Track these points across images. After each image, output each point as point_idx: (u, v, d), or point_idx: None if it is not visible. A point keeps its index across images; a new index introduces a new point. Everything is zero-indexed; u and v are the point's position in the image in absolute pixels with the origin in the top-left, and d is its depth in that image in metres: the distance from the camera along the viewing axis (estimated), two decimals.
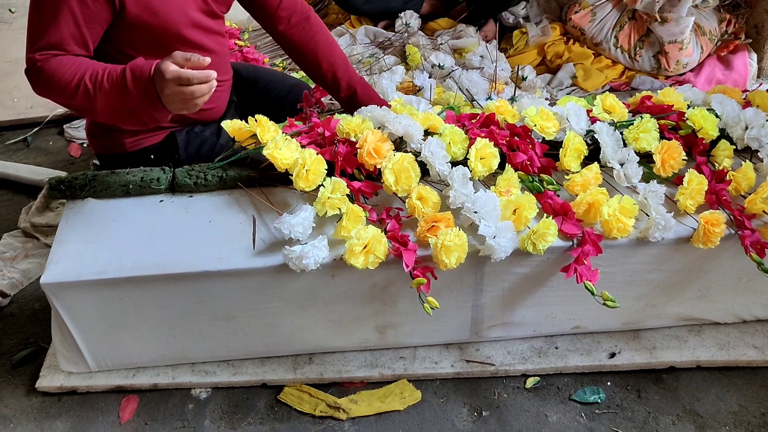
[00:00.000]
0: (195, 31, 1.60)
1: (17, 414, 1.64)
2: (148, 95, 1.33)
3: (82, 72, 1.40)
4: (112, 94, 1.37)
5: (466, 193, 1.48)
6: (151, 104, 1.34)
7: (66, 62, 1.43)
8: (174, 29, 1.54)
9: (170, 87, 1.29)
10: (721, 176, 1.60)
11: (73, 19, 1.42)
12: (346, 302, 1.57)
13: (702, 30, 2.70)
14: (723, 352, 1.71)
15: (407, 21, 2.92)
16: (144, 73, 1.32)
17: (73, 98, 1.41)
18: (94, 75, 1.39)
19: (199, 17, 1.61)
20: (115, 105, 1.38)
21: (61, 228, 1.56)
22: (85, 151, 2.69)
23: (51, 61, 1.43)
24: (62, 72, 1.41)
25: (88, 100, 1.39)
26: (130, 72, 1.34)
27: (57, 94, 1.45)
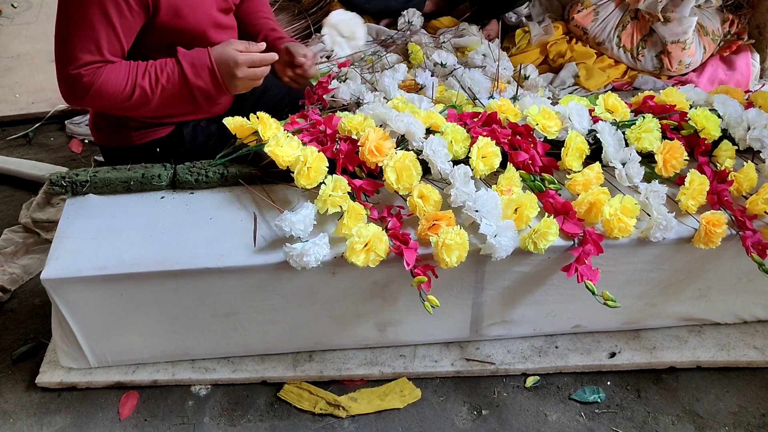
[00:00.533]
0: (216, 31, 1.64)
1: (17, 409, 1.64)
2: (214, 82, 1.52)
3: (133, 76, 1.49)
4: (170, 90, 1.51)
5: (467, 191, 1.48)
6: (216, 90, 1.53)
7: (111, 72, 1.48)
8: (200, 30, 1.58)
9: (243, 70, 1.50)
10: (722, 177, 1.60)
11: (113, 30, 1.45)
12: (347, 300, 1.57)
13: (705, 30, 2.70)
14: (723, 353, 1.71)
15: (410, 19, 2.91)
16: (204, 62, 1.50)
17: (127, 101, 1.51)
18: (147, 75, 1.50)
19: (219, 16, 1.64)
20: (175, 97, 1.53)
21: (61, 224, 1.56)
22: (86, 147, 2.69)
23: (97, 74, 1.47)
24: (112, 81, 1.48)
25: (144, 99, 1.51)
26: (188, 65, 1.49)
27: (108, 102, 1.52)
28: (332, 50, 2.81)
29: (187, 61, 1.50)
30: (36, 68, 3.10)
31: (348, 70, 2.53)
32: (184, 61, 1.50)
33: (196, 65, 1.50)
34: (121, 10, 1.44)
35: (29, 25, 3.47)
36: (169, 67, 1.51)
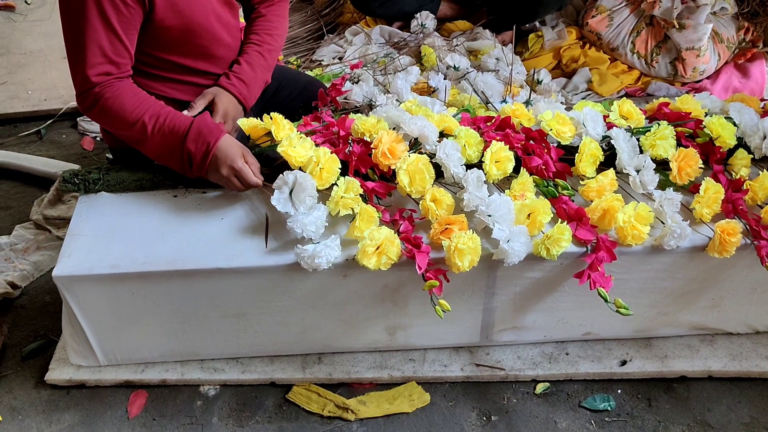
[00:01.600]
0: (218, 25, 1.62)
1: (26, 406, 1.65)
2: (203, 157, 1.49)
3: (143, 109, 1.49)
4: (168, 139, 1.50)
5: (480, 196, 1.47)
6: (200, 164, 1.50)
7: (126, 93, 1.49)
8: (198, 25, 1.56)
9: (228, 171, 1.50)
10: (737, 185, 1.58)
11: (111, 28, 1.44)
12: (357, 302, 1.57)
13: (720, 37, 2.68)
14: (735, 363, 1.70)
15: (423, 21, 2.91)
16: (210, 137, 1.49)
17: (127, 130, 1.51)
18: (155, 116, 1.49)
19: (220, 9, 1.62)
20: (166, 149, 1.52)
21: (74, 221, 1.56)
22: (98, 145, 2.70)
23: (110, 90, 1.48)
24: (121, 103, 1.48)
25: (143, 136, 1.50)
26: (196, 130, 1.49)
27: (111, 123, 1.53)
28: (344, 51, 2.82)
29: (198, 126, 1.50)
30: (49, 65, 3.11)
31: (361, 72, 2.53)
32: (196, 125, 1.50)
33: (203, 134, 1.49)
34: (118, 9, 1.43)
35: (42, 22, 3.49)
36: (181, 120, 1.50)
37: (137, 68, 1.57)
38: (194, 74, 1.65)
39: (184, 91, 1.65)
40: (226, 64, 1.70)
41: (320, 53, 2.89)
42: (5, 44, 3.35)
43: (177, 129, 1.49)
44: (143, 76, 1.59)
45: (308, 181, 1.43)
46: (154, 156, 1.57)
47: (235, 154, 1.50)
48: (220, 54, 1.66)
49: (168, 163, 1.57)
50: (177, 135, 1.49)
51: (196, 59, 1.62)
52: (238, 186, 1.53)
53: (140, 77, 1.58)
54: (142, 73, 1.59)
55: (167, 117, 1.50)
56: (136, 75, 1.57)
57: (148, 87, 1.58)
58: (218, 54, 1.65)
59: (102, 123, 1.59)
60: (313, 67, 2.77)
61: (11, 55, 3.26)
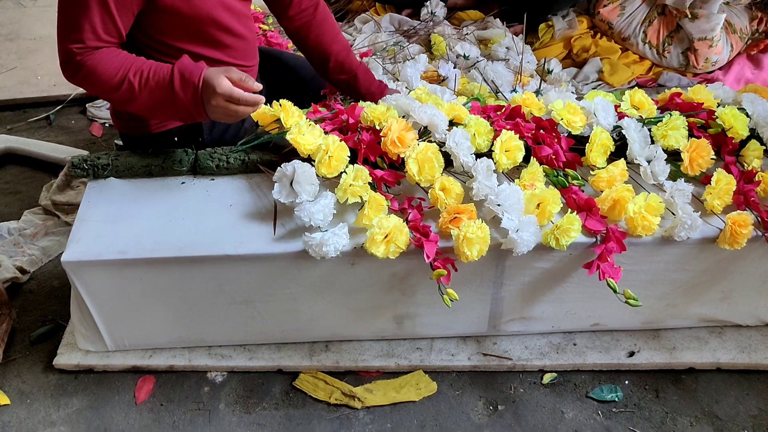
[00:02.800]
0: (226, 14, 1.59)
1: (34, 390, 1.65)
2: (195, 100, 1.43)
3: (126, 68, 1.45)
4: (156, 93, 1.45)
5: (489, 185, 1.46)
6: (195, 108, 1.44)
7: (107, 57, 1.45)
8: (205, 13, 1.54)
9: (218, 100, 1.40)
10: (749, 177, 1.57)
11: (105, 7, 1.42)
12: (365, 291, 1.56)
13: (732, 28, 2.66)
14: (744, 355, 1.69)
15: (433, 9, 2.89)
16: (193, 78, 1.42)
17: (114, 92, 1.47)
18: (138, 72, 1.45)
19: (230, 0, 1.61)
20: (158, 102, 1.47)
21: (82, 207, 1.56)
22: (106, 131, 2.70)
23: (92, 56, 1.45)
24: (104, 67, 1.44)
25: (131, 95, 1.46)
26: (178, 74, 1.43)
27: (97, 88, 1.49)
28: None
29: (179, 70, 1.44)
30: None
31: (370, 60, 2.51)
32: (176, 71, 1.44)
33: (185, 78, 1.43)
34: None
35: (52, 8, 3.46)
36: (162, 72, 1.45)
37: (147, 54, 1.57)
38: (204, 62, 1.63)
39: None
40: (237, 54, 1.67)
41: None
42: (15, 29, 3.35)
43: (162, 80, 1.44)
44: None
45: (308, 170, 1.43)
46: (148, 112, 1.55)
47: (216, 79, 1.40)
48: (229, 43, 1.64)
49: (165, 117, 1.55)
50: (163, 86, 1.44)
51: (204, 47, 1.61)
52: (237, 111, 1.43)
53: None
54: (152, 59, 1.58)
55: (150, 70, 1.45)
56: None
57: None
58: (227, 43, 1.64)
59: (88, 89, 1.53)
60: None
61: (21, 41, 3.26)
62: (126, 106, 1.53)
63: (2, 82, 2.93)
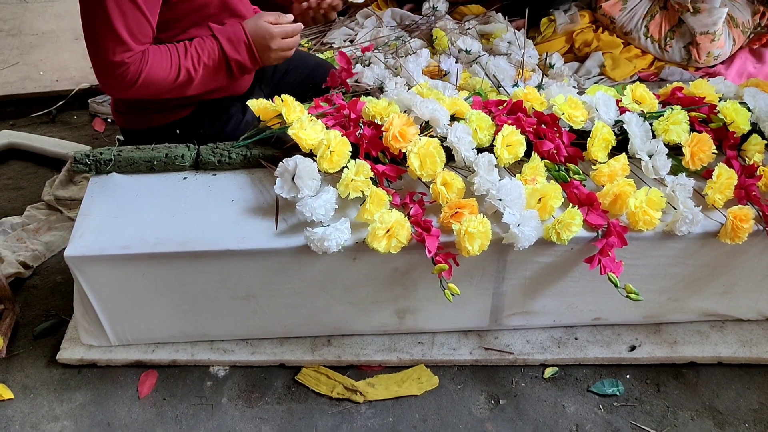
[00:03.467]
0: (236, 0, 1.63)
1: (38, 384, 1.66)
2: (250, 54, 1.58)
3: (176, 57, 1.52)
4: (210, 66, 1.56)
5: (491, 180, 1.46)
6: (252, 61, 1.60)
7: (156, 56, 1.50)
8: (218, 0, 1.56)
9: (277, 42, 1.58)
10: (751, 171, 1.57)
11: (139, 9, 1.43)
12: (367, 285, 1.57)
13: (735, 22, 2.65)
14: (745, 349, 1.70)
15: (434, 4, 2.89)
16: (240, 37, 1.56)
17: (174, 83, 1.54)
18: (189, 55, 1.54)
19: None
20: (214, 73, 1.58)
21: (85, 202, 1.57)
22: (109, 126, 2.70)
23: (143, 60, 1.48)
24: (158, 65, 1.50)
25: (188, 79, 1.55)
26: (226, 41, 1.55)
27: (155, 89, 1.54)
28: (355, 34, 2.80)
29: (224, 36, 1.55)
30: (60, 46, 3.11)
31: (371, 55, 2.51)
32: (222, 37, 1.55)
33: (233, 40, 1.56)
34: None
35: (54, 3, 3.49)
36: (209, 45, 1.55)
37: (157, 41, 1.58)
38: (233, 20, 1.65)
39: None
40: None
41: (331, 36, 2.88)
42: (17, 25, 3.35)
43: (212, 53, 1.55)
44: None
45: (309, 165, 1.43)
46: (202, 89, 1.61)
47: (263, 28, 1.57)
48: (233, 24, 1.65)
49: (219, 84, 1.63)
50: (216, 58, 1.56)
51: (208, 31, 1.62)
52: (293, 42, 1.62)
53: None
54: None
55: (196, 50, 1.55)
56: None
57: None
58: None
59: (144, 94, 1.55)
60: (324, 49, 2.76)
61: (23, 36, 3.26)
62: (181, 92, 1.59)
63: (5, 78, 2.94)
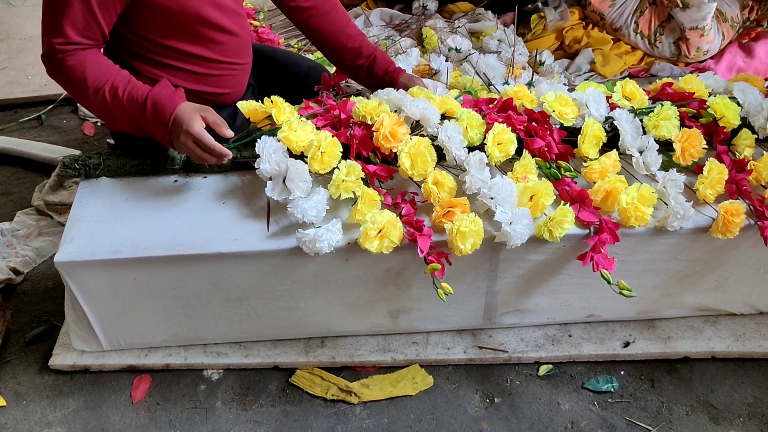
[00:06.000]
0: (214, 11, 1.57)
1: (30, 391, 1.65)
2: (163, 130, 1.45)
3: (103, 81, 1.46)
4: (129, 111, 1.47)
5: (482, 178, 1.46)
6: (161, 136, 1.47)
7: (89, 62, 1.46)
8: (191, 9, 1.52)
9: (186, 140, 1.43)
10: (741, 166, 1.57)
11: (89, 7, 1.42)
12: (360, 286, 1.56)
13: (724, 16, 2.66)
14: (738, 344, 1.70)
15: (424, 3, 2.89)
16: (166, 111, 1.44)
17: (88, 100, 1.49)
18: (114, 89, 1.46)
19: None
20: (129, 121, 1.50)
21: (75, 207, 1.56)
22: (98, 130, 2.69)
23: (74, 56, 1.45)
24: (84, 72, 1.45)
25: (104, 107, 1.48)
26: (151, 103, 1.45)
27: (74, 90, 1.50)
28: None
29: (153, 99, 1.44)
30: None
31: None
32: (151, 99, 1.44)
33: (159, 109, 1.44)
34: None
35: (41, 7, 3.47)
36: (138, 95, 1.45)
37: (137, 52, 1.56)
38: (194, 59, 1.61)
39: (185, 78, 1.61)
40: (227, 51, 1.65)
41: None
42: (5, 29, 3.33)
43: (135, 103, 1.45)
44: (143, 61, 1.57)
45: (300, 167, 1.43)
46: (118, 126, 1.56)
47: (190, 118, 1.42)
48: (218, 39, 1.62)
49: (127, 130, 1.56)
50: (136, 109, 1.46)
51: (192, 44, 1.59)
52: (202, 156, 1.45)
53: (140, 62, 1.57)
54: (143, 57, 1.57)
55: (125, 90, 1.46)
56: (136, 59, 1.56)
57: (148, 72, 1.56)
58: (217, 39, 1.62)
59: (66, 88, 1.53)
60: (314, 50, 2.75)
61: (11, 41, 3.25)
62: (98, 116, 1.56)
63: None
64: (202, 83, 1.64)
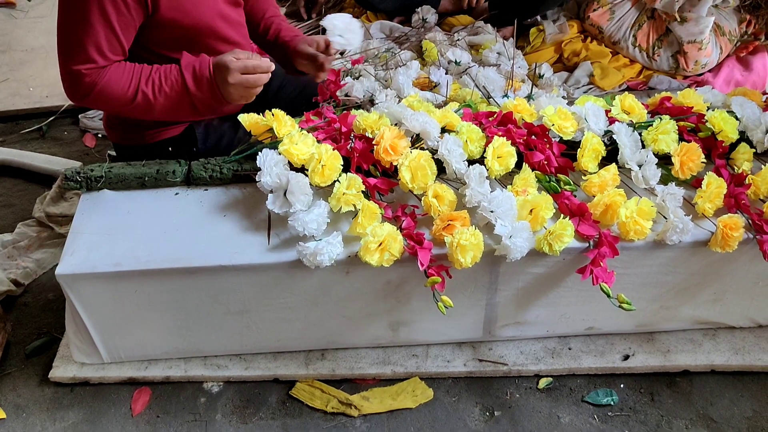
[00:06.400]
0: (223, 23, 1.61)
1: (30, 404, 1.65)
2: (211, 90, 1.51)
3: (136, 79, 1.49)
4: (172, 96, 1.51)
5: (482, 192, 1.47)
6: (213, 98, 1.51)
7: (116, 73, 1.48)
8: (205, 24, 1.57)
9: (235, 76, 1.48)
10: (740, 180, 1.58)
11: (110, 26, 1.44)
12: (360, 299, 1.57)
13: (722, 30, 2.68)
14: (738, 357, 1.70)
15: (424, 16, 2.90)
16: (204, 71, 1.49)
17: (130, 105, 1.51)
18: (150, 81, 1.50)
19: (226, 9, 1.62)
20: (176, 104, 1.53)
21: (76, 219, 1.56)
22: (99, 142, 2.69)
23: (101, 75, 1.47)
24: (116, 83, 1.48)
25: (147, 104, 1.51)
26: (189, 73, 1.49)
27: (111, 104, 1.53)
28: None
29: (188, 70, 1.51)
30: (50, 62, 3.10)
31: (361, 68, 2.52)
32: (186, 71, 1.51)
33: (197, 75, 1.51)
34: (119, 8, 1.43)
35: (43, 19, 3.48)
36: (173, 75, 1.51)
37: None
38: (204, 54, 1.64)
39: None
40: None
41: None
42: (6, 41, 3.34)
43: (174, 82, 1.51)
44: None
45: (301, 180, 1.44)
46: (168, 116, 1.59)
47: (227, 59, 1.48)
48: (225, 51, 1.64)
49: (185, 116, 1.61)
50: (177, 87, 1.51)
51: None
52: (256, 80, 1.51)
53: None
54: None
55: (159, 76, 1.51)
56: None
57: None
58: (223, 51, 1.64)
59: (102, 107, 1.57)
60: None
61: (13, 52, 3.25)
62: (145, 115, 1.57)
63: None
64: None
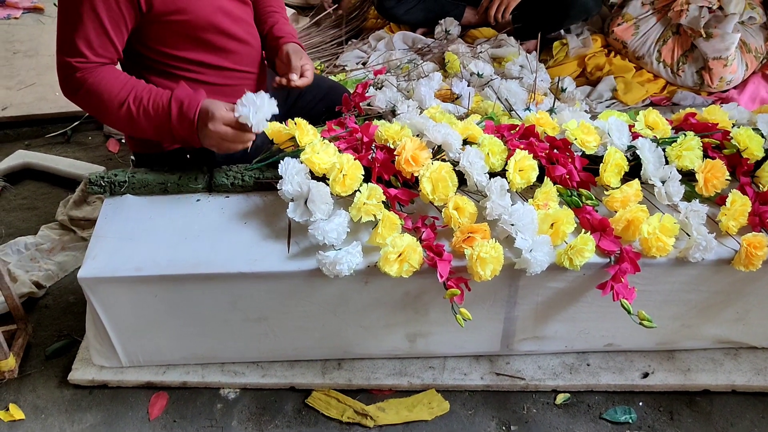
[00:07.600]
0: (225, 18, 1.60)
1: (49, 405, 1.66)
2: (191, 130, 1.48)
3: (125, 93, 1.49)
4: (155, 120, 1.49)
5: (503, 204, 1.46)
6: (190, 137, 1.49)
7: (108, 77, 1.49)
8: (204, 19, 1.56)
9: (217, 125, 1.45)
10: (765, 198, 1.56)
11: (99, 22, 1.45)
12: (378, 309, 1.57)
13: (747, 47, 2.65)
14: (759, 378, 1.68)
15: (447, 28, 2.91)
16: (189, 111, 1.47)
17: (112, 114, 1.51)
18: (138, 98, 1.49)
19: (228, 4, 1.62)
20: (155, 128, 1.51)
21: (99, 223, 1.58)
22: (123, 147, 2.72)
23: (93, 74, 1.48)
24: (105, 87, 1.48)
25: (129, 119, 1.50)
26: (176, 106, 1.47)
27: (96, 108, 1.53)
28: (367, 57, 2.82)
29: (176, 103, 1.48)
30: None
31: (384, 78, 2.53)
32: (174, 103, 1.48)
33: (182, 111, 1.47)
34: (109, 5, 1.43)
35: None
36: (162, 101, 1.48)
37: (152, 67, 1.59)
38: (208, 69, 1.64)
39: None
40: (240, 59, 1.69)
41: (344, 58, 2.89)
42: (34, 46, 3.39)
43: (160, 108, 1.48)
44: (160, 75, 1.60)
45: (322, 189, 1.44)
46: (144, 134, 1.56)
47: (215, 106, 1.45)
48: (231, 48, 1.65)
49: (161, 141, 1.61)
50: (161, 114, 1.48)
51: (206, 53, 1.62)
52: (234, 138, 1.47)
53: (157, 76, 1.59)
54: (159, 72, 1.60)
55: (149, 97, 1.49)
56: (152, 74, 1.59)
57: (165, 86, 1.58)
58: (230, 48, 1.65)
59: (87, 108, 1.57)
60: (337, 72, 2.78)
61: (40, 57, 3.30)
62: (127, 129, 1.57)
63: (21, 98, 2.97)
64: (217, 94, 1.65)
